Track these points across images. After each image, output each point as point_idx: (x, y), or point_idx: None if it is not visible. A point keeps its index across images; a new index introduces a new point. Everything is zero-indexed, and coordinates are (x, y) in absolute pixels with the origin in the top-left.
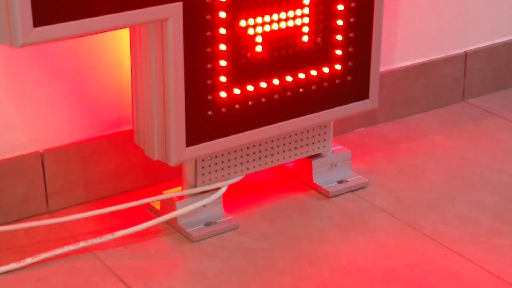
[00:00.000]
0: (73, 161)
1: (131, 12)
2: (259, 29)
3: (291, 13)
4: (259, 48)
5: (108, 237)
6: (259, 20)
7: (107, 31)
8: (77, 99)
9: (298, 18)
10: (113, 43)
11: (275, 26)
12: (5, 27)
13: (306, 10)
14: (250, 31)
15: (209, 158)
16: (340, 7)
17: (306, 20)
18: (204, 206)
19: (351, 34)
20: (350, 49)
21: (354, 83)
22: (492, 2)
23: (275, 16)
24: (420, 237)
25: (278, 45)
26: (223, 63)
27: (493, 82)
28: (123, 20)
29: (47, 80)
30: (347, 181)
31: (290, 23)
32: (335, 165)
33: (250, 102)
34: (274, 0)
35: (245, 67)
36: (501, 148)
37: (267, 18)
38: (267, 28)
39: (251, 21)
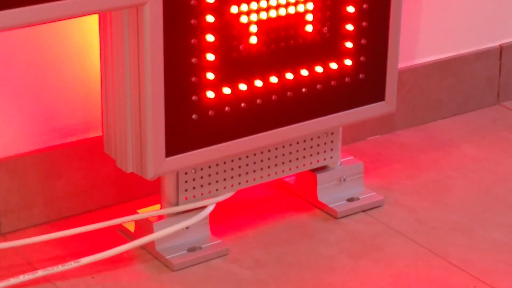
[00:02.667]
0: (30, 173)
1: None
2: (253, 17)
3: None
4: (253, 39)
5: (71, 264)
6: (253, 5)
7: (72, 17)
8: (35, 99)
9: (301, 4)
10: (79, 32)
11: (273, 13)
12: None
13: (310, 5)
14: (243, 19)
15: (193, 170)
16: None
17: (310, 6)
18: (187, 228)
19: (364, 23)
20: (362, 41)
21: (367, 82)
22: None
23: (273, 1)
24: (446, 266)
25: (277, 35)
26: (210, 57)
27: None
28: (91, 4)
29: None
30: (358, 198)
31: (291, 10)
32: (344, 180)
33: (242, 104)
34: None
35: (236, 62)
36: None
37: (263, 3)
38: (263, 15)
39: (244, 7)
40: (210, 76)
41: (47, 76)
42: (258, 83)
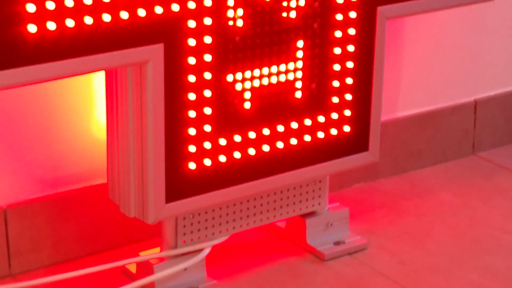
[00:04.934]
0: (39, 218)
1: (108, 54)
2: (247, 84)
3: (282, 67)
4: (247, 105)
5: None
6: (248, 74)
7: (81, 74)
8: (45, 148)
9: (291, 72)
10: (85, 87)
11: (265, 81)
12: None
13: (300, 64)
14: (238, 86)
15: (191, 215)
16: (337, 50)
17: (299, 65)
18: (185, 269)
19: (348, 80)
20: (347, 96)
21: (352, 134)
22: (504, 46)
23: (265, 70)
24: None
25: (269, 101)
26: (207, 110)
27: (506, 134)
28: (99, 62)
29: (11, 127)
30: (344, 242)
31: (282, 78)
32: (331, 225)
33: (237, 154)
34: (264, 52)
35: (232, 115)
36: None
37: (256, 72)
38: (256, 83)
39: (239, 76)
40: (207, 128)
41: (56, 128)
42: (252, 134)
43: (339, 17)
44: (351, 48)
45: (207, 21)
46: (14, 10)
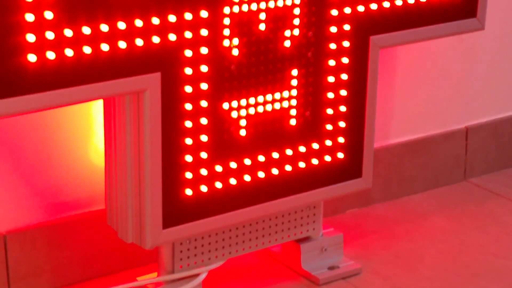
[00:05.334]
0: (39, 243)
1: (106, 83)
2: (243, 112)
3: (277, 95)
4: (243, 132)
5: None
6: (243, 102)
7: (80, 102)
8: (43, 175)
9: (285, 101)
10: (84, 115)
11: (260, 109)
12: None
13: (294, 92)
14: (234, 114)
15: (187, 241)
16: (331, 79)
17: (294, 92)
18: None
19: (342, 108)
20: (341, 124)
21: (346, 161)
22: (494, 74)
23: (260, 99)
24: None
25: (264, 128)
26: (204, 138)
27: (497, 160)
28: (97, 91)
29: (9, 154)
30: (338, 267)
31: (277, 106)
32: (325, 250)
33: (233, 181)
34: (259, 81)
35: (228, 143)
36: (506, 232)
37: (251, 100)
38: (251, 111)
39: (234, 104)
40: (203, 155)
41: (54, 155)
42: (247, 161)
43: (332, 46)
44: (344, 76)
45: (204, 50)
46: (15, 40)
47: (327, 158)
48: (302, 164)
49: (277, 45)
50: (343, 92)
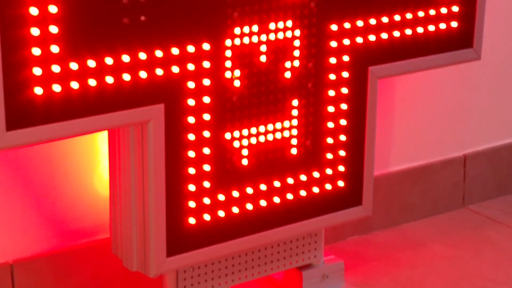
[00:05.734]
0: (45, 272)
1: (110, 114)
2: (245, 142)
3: (278, 125)
4: (245, 162)
5: None
6: (245, 132)
7: (85, 134)
8: (50, 205)
9: (286, 130)
10: (89, 145)
11: (262, 139)
12: None
13: (295, 122)
14: (236, 144)
15: (191, 268)
16: (331, 108)
17: (294, 122)
18: None
19: (342, 137)
20: (341, 153)
21: (346, 189)
22: (491, 102)
23: (261, 128)
24: None
25: (265, 157)
26: (206, 167)
27: (495, 187)
28: (102, 122)
29: (17, 185)
30: None
31: (278, 135)
32: (327, 277)
33: (235, 209)
34: (261, 111)
35: (230, 172)
36: (505, 258)
37: (253, 130)
38: (253, 140)
39: (236, 134)
40: (206, 184)
41: (61, 185)
42: (249, 190)
43: (332, 77)
44: (344, 106)
45: (206, 82)
46: (22, 74)
47: (328, 186)
48: (303, 193)
49: (277, 76)
50: (343, 122)
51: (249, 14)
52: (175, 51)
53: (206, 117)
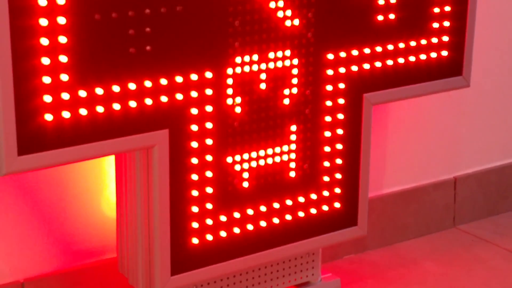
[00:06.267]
0: None
1: (117, 139)
2: (245, 165)
3: (277, 149)
4: (245, 184)
5: None
6: (245, 156)
7: (93, 158)
8: (59, 226)
9: (285, 154)
10: (97, 169)
11: (261, 162)
12: None
13: (293, 146)
14: (237, 167)
15: (194, 287)
16: (327, 133)
17: (293, 155)
18: None
19: (338, 160)
20: (337, 175)
21: (342, 210)
22: (480, 127)
23: (261, 152)
24: None
25: (265, 180)
26: (209, 190)
27: (484, 208)
28: (110, 147)
29: (27, 207)
30: None
31: (277, 159)
32: None
33: (236, 230)
34: (261, 136)
35: (231, 194)
36: (494, 275)
37: (253, 154)
38: (254, 164)
39: (237, 157)
40: (209, 206)
41: (69, 207)
42: (250, 211)
43: (328, 103)
44: (340, 131)
45: (208, 108)
46: (33, 101)
47: (325, 207)
48: (301, 214)
49: (277, 103)
50: (339, 146)
51: (250, 44)
52: (179, 79)
53: (209, 141)
